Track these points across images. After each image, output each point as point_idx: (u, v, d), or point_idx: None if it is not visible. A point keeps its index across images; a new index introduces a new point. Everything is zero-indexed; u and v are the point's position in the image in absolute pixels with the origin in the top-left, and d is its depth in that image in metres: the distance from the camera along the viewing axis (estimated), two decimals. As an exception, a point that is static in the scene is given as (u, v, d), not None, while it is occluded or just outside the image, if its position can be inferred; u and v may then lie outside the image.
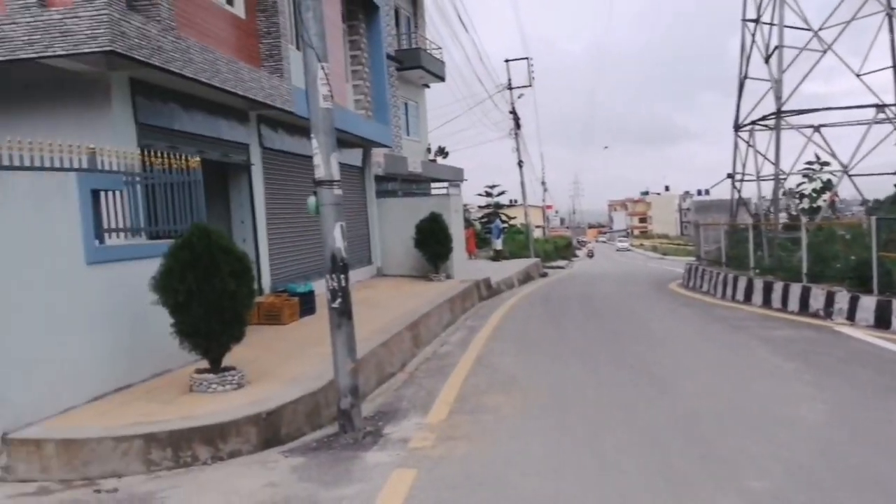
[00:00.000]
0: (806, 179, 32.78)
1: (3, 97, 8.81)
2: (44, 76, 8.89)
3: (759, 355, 9.89)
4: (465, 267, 21.40)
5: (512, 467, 5.52)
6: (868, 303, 12.04)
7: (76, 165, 6.87)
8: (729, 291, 17.94)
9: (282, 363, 8.24)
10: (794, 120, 22.70)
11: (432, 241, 18.79)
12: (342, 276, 6.51)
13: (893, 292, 11.98)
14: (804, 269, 14.87)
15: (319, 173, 6.54)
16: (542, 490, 5.05)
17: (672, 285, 23.18)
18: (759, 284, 16.27)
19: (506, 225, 45.45)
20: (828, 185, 30.58)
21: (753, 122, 23.62)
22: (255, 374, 7.54)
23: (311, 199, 6.60)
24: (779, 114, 21.91)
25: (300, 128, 13.39)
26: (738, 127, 24.35)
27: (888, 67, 22.11)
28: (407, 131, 29.77)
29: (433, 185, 32.19)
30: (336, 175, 6.59)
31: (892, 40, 22.02)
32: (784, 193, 26.66)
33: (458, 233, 20.51)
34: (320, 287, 7.06)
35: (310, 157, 6.76)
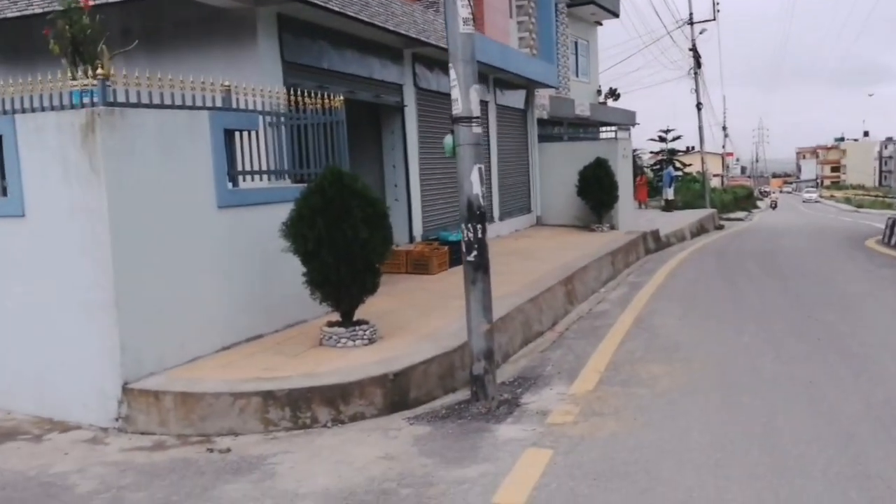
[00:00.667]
0: None
1: (154, 36, 8.81)
2: (193, 14, 8.78)
3: None
4: (633, 217, 20.03)
5: (665, 456, 4.68)
6: None
7: (210, 104, 6.57)
8: (944, 252, 15.45)
9: (421, 316, 7.75)
10: None
11: (596, 189, 17.58)
12: (479, 225, 5.79)
13: None
14: None
15: (457, 109, 5.84)
16: (700, 490, 4.17)
17: (869, 242, 20.43)
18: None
19: (679, 173, 42.59)
20: None
21: None
22: (391, 327, 7.10)
23: (448, 139, 5.93)
24: None
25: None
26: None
27: None
28: (576, 72, 28.28)
29: (602, 129, 30.58)
30: (476, 111, 5.87)
31: None
32: None
33: (625, 180, 19.08)
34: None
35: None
